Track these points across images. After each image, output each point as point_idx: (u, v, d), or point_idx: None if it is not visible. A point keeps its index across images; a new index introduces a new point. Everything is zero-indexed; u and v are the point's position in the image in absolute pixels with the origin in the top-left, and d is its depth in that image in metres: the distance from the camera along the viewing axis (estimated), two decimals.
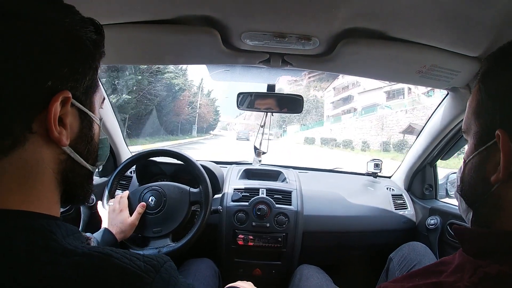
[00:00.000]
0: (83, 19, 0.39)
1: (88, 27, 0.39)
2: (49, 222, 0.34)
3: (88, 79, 0.40)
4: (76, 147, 0.40)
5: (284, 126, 49.11)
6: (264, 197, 1.31)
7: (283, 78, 44.66)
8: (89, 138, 0.42)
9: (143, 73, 15.57)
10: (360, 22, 0.76)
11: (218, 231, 1.29)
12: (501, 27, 0.71)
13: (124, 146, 1.48)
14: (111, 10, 0.73)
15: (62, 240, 0.33)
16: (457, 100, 1.13)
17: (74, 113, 0.39)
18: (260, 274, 1.33)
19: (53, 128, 0.35)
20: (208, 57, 0.97)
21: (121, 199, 1.02)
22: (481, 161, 0.44)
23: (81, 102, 0.40)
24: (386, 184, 1.60)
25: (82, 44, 0.38)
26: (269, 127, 1.33)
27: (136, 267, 0.34)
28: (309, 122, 43.29)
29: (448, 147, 1.33)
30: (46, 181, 0.37)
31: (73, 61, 0.37)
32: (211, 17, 0.76)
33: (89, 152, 0.43)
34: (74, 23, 0.37)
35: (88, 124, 0.42)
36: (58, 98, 0.35)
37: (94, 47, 0.40)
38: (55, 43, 0.35)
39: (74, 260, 0.31)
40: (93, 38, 0.40)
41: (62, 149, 0.38)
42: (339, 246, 1.42)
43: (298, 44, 0.85)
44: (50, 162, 0.37)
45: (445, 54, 0.85)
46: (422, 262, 1.02)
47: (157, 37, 0.84)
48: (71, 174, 0.40)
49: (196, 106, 26.32)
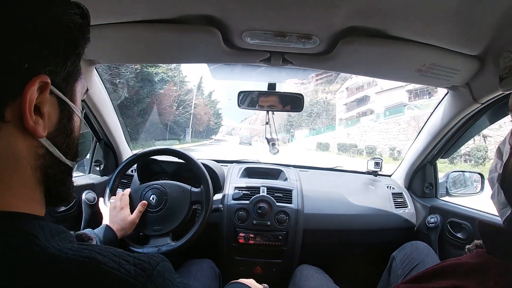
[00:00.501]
0: (67, 1, 0.36)
1: (73, 9, 0.36)
2: (32, 224, 0.31)
3: (69, 64, 0.36)
4: (54, 140, 0.36)
5: (292, 131, 46.61)
6: (264, 196, 1.32)
7: (290, 81, 41.40)
8: (68, 131, 0.38)
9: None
10: (360, 20, 0.76)
11: (219, 229, 1.30)
12: (500, 26, 0.71)
13: (126, 145, 1.49)
14: (113, 9, 0.74)
15: (46, 244, 0.30)
16: (457, 99, 1.13)
17: (53, 101, 0.35)
18: (261, 272, 1.33)
19: (28, 116, 0.32)
20: (209, 55, 0.98)
21: (123, 197, 1.03)
22: None
23: (61, 90, 0.36)
24: (386, 183, 1.61)
25: (65, 26, 0.35)
26: (274, 125, 1.32)
27: (125, 273, 0.31)
28: (318, 126, 41.38)
29: (448, 145, 1.33)
30: (25, 177, 0.34)
31: (54, 43, 0.34)
32: (212, 16, 0.77)
33: (68, 146, 0.39)
34: (55, 3, 0.34)
35: (68, 114, 0.38)
36: (35, 82, 0.32)
37: (78, 31, 0.37)
38: (34, 21, 0.32)
39: (58, 268, 0.29)
40: (78, 21, 0.36)
41: (39, 142, 0.34)
42: (340, 244, 1.42)
43: (299, 43, 0.86)
44: (26, 157, 0.33)
45: (445, 53, 0.86)
46: (425, 261, 1.03)
47: (158, 36, 0.84)
48: (51, 170, 0.37)
49: (189, 105, 22.35)
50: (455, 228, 1.23)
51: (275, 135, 1.35)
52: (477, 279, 0.38)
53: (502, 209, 0.42)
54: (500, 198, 0.42)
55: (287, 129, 47.22)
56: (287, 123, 47.43)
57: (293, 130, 46.47)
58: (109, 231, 0.92)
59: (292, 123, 47.38)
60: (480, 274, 0.38)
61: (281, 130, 46.23)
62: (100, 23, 0.77)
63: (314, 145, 30.55)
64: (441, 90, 1.20)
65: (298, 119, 45.94)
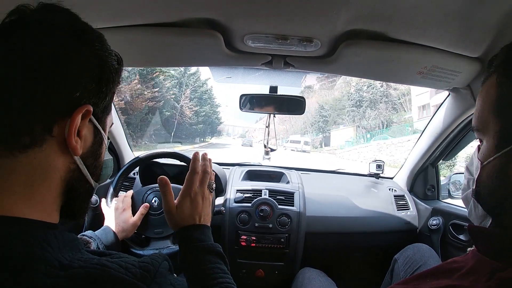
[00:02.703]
0: (110, 48, 0.44)
1: (113, 56, 0.44)
2: (47, 233, 0.34)
3: (107, 99, 0.43)
4: (85, 160, 0.42)
5: (327, 130, 29.25)
6: (266, 198, 1.32)
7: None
8: (97, 155, 0.45)
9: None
10: (361, 24, 0.76)
11: (221, 232, 1.30)
12: (501, 28, 0.71)
13: (128, 148, 1.49)
14: (116, 13, 0.74)
15: (58, 254, 0.33)
16: (458, 101, 1.13)
17: (90, 128, 0.42)
18: (263, 275, 1.33)
19: (72, 136, 0.38)
20: (211, 59, 0.98)
21: (125, 199, 1.04)
22: (504, 163, 0.39)
23: (97, 120, 0.43)
24: (388, 185, 1.61)
25: (108, 68, 0.42)
26: (274, 128, 1.33)
27: (132, 276, 0.35)
28: (375, 125, 23.36)
29: (450, 147, 1.34)
30: (53, 187, 0.38)
31: (100, 80, 0.41)
32: (214, 20, 0.78)
33: (95, 168, 0.45)
34: (103, 49, 0.42)
35: (99, 141, 0.45)
36: (82, 110, 0.38)
37: (115, 74, 0.44)
38: (88, 61, 0.39)
39: (71, 272, 0.32)
40: (116, 66, 0.44)
41: (73, 159, 0.40)
42: (342, 247, 1.42)
43: (300, 46, 0.86)
44: (60, 169, 0.39)
45: (446, 55, 0.86)
46: (427, 263, 1.02)
47: (160, 39, 0.85)
48: (76, 184, 0.42)
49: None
50: (457, 230, 1.22)
51: (274, 140, 1.37)
52: (471, 278, 0.40)
53: (482, 221, 0.44)
54: (478, 212, 0.45)
55: (319, 126, 29.99)
56: (319, 118, 30.21)
57: (328, 129, 29.19)
58: (110, 233, 0.92)
59: (327, 119, 29.85)
60: (474, 273, 0.40)
61: (306, 130, 32.63)
62: (103, 26, 0.77)
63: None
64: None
65: (335, 112, 28.83)
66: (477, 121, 0.44)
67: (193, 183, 0.64)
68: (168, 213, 0.62)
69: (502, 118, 0.39)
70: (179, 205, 0.62)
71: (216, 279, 0.54)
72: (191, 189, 0.63)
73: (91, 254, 0.38)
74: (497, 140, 0.40)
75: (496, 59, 0.42)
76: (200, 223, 0.63)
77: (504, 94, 0.39)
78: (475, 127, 0.45)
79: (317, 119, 30.59)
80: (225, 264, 0.59)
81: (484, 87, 0.42)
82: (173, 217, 0.62)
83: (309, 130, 32.21)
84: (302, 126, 34.52)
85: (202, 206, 0.64)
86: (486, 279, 0.37)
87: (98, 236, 0.88)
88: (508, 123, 0.38)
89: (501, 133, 0.39)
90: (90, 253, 0.39)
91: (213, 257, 0.58)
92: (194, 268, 0.56)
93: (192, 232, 0.61)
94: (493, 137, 0.40)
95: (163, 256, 0.42)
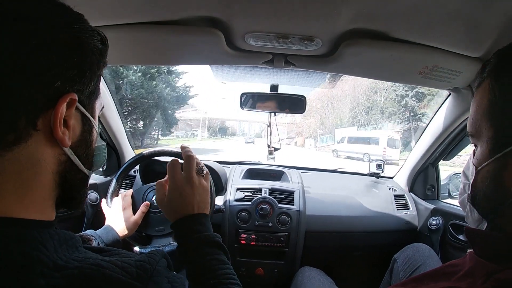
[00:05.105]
0: (91, 28, 0.41)
1: (95, 36, 0.41)
2: (42, 233, 0.34)
3: (92, 84, 0.41)
4: (76, 150, 0.40)
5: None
6: (266, 197, 1.32)
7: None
8: (88, 143, 0.43)
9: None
10: (362, 23, 0.76)
11: (221, 230, 1.30)
12: (503, 28, 0.71)
13: (128, 146, 1.50)
14: (116, 11, 0.74)
15: (53, 254, 0.33)
16: (459, 101, 1.13)
17: (77, 116, 0.40)
18: (263, 273, 1.33)
19: (58, 128, 0.36)
20: (212, 57, 0.98)
21: (125, 197, 1.03)
22: (498, 168, 0.39)
23: (84, 106, 0.41)
24: (388, 185, 1.61)
25: (90, 50, 0.39)
26: (276, 127, 1.32)
27: (128, 276, 0.34)
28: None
29: (450, 147, 1.33)
30: (45, 182, 0.37)
31: (82, 65, 0.38)
32: (215, 18, 0.77)
33: (87, 156, 0.43)
34: (83, 31, 0.39)
35: (89, 128, 0.43)
36: (66, 99, 0.36)
37: (100, 56, 0.42)
38: (66, 46, 0.36)
39: (66, 273, 0.32)
40: (99, 47, 0.41)
41: (63, 150, 0.38)
42: (341, 246, 1.42)
43: (301, 45, 0.86)
44: (50, 162, 0.37)
45: (447, 55, 0.86)
46: (426, 263, 1.02)
47: (161, 38, 0.85)
48: (69, 175, 0.40)
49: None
50: (457, 230, 1.22)
51: (277, 138, 1.37)
52: (468, 280, 0.40)
53: (479, 225, 0.45)
54: (474, 216, 0.45)
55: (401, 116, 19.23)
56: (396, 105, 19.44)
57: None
58: (111, 232, 0.92)
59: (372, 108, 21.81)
60: (471, 276, 0.40)
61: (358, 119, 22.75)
62: (103, 24, 0.77)
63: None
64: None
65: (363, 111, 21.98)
66: (471, 127, 0.44)
67: (175, 172, 0.61)
68: (161, 207, 0.62)
69: (494, 124, 0.39)
70: (168, 198, 0.61)
71: (215, 271, 0.52)
72: (175, 178, 0.61)
73: (89, 251, 0.38)
74: (491, 145, 0.40)
75: (488, 64, 0.42)
76: (195, 212, 0.60)
77: (497, 100, 0.38)
78: (470, 133, 0.45)
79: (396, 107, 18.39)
80: (225, 253, 0.57)
81: (478, 92, 0.42)
82: (166, 210, 0.61)
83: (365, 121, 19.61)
84: (349, 114, 23.60)
85: (194, 193, 0.61)
86: (483, 281, 0.37)
87: (99, 235, 0.88)
88: (500, 129, 0.38)
89: (494, 139, 0.39)
90: (89, 249, 0.39)
91: (211, 248, 0.56)
92: (191, 263, 0.55)
93: (186, 223, 0.58)
94: (486, 142, 0.40)
95: (161, 254, 0.41)
